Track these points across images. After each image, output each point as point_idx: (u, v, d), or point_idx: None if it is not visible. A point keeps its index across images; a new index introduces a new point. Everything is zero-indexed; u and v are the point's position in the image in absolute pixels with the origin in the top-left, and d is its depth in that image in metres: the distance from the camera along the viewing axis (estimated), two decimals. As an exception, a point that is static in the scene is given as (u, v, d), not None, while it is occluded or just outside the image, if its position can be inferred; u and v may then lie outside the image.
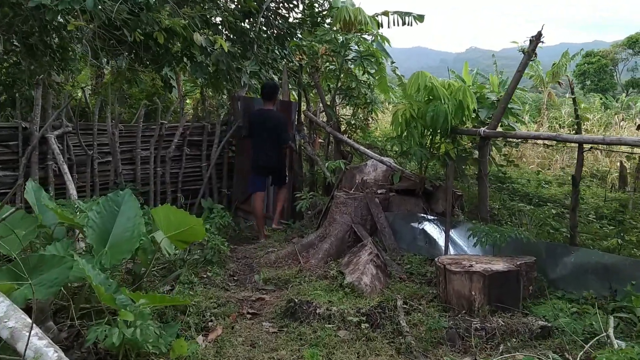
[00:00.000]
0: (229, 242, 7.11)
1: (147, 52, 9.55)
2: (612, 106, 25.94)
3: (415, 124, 6.01)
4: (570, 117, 19.19)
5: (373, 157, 6.72)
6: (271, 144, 7.18)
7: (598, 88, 41.70)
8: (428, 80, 6.00)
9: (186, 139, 8.50)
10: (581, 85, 44.05)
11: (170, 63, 9.57)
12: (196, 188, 8.71)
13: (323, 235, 6.31)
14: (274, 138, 7.17)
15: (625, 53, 44.83)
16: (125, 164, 7.95)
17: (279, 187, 7.58)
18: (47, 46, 7.94)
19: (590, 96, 31.38)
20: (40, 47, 7.85)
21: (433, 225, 6.17)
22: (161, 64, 9.46)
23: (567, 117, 19.17)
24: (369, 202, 6.26)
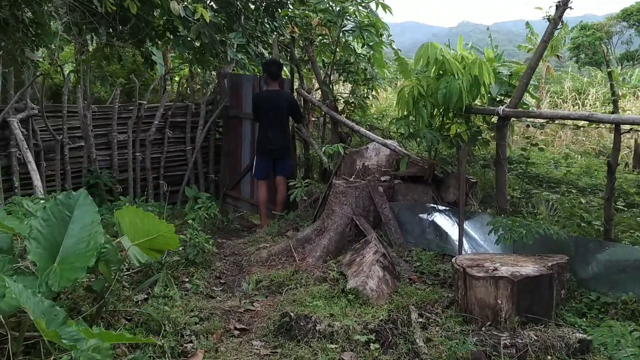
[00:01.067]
0: (217, 234, 6.44)
1: (125, 26, 8.78)
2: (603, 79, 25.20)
3: (424, 103, 5.29)
4: (573, 91, 18.47)
5: (375, 140, 6.01)
6: (279, 126, 6.60)
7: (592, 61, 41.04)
8: (439, 53, 5.26)
9: (168, 120, 7.76)
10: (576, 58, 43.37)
11: (152, 37, 8.80)
12: (180, 174, 8.01)
13: (320, 229, 5.62)
14: (283, 120, 6.61)
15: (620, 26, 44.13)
16: (101, 149, 7.21)
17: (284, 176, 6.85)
18: (18, 21, 7.15)
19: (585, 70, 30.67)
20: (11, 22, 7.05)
21: (444, 217, 5.49)
22: (141, 39, 8.69)
23: (569, 92, 18.44)
24: (371, 191, 5.57)
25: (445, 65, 5.20)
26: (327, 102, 6.63)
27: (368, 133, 6.09)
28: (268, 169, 6.77)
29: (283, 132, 6.63)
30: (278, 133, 6.57)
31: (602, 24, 45.95)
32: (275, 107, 6.51)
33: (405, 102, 5.35)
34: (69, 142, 6.79)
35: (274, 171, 6.80)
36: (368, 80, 6.67)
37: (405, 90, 5.34)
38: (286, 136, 6.70)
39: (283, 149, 6.65)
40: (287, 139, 6.72)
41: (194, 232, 5.13)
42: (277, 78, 6.58)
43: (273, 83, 6.58)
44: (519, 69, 5.87)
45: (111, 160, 7.23)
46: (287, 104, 6.59)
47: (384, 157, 6.12)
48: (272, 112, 6.52)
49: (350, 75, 6.57)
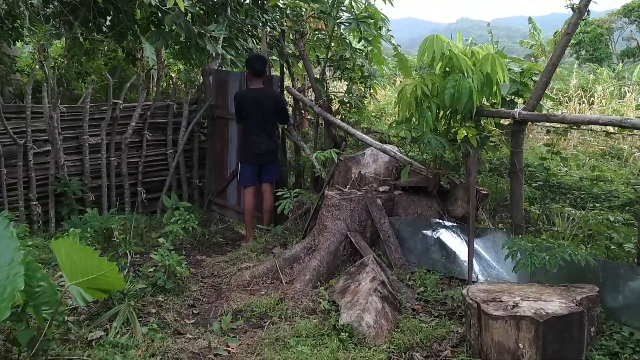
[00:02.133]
0: (196, 250, 5.78)
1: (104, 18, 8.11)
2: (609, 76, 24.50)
3: (429, 104, 4.63)
4: (579, 89, 17.77)
5: (373, 145, 5.35)
6: (265, 128, 5.94)
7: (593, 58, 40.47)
8: (445, 47, 4.60)
9: (147, 121, 7.09)
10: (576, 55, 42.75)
11: (134, 31, 8.14)
12: (161, 179, 7.33)
13: (311, 247, 4.96)
14: (269, 122, 5.94)
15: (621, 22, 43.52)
16: (71, 153, 6.54)
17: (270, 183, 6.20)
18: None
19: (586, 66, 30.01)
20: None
21: (451, 234, 4.84)
22: (122, 32, 8.04)
23: (575, 90, 17.72)
24: (368, 203, 4.91)
25: (453, 61, 4.55)
26: (320, 102, 5.96)
27: (365, 137, 5.42)
28: (254, 176, 6.12)
29: (269, 135, 5.99)
30: (264, 136, 5.94)
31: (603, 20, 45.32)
32: (260, 107, 5.87)
33: (407, 103, 4.68)
34: (33, 146, 6.11)
35: (260, 178, 6.16)
36: (365, 78, 6.00)
37: (407, 90, 4.68)
38: (273, 139, 6.07)
39: (270, 153, 6.00)
40: (273, 142, 6.09)
41: (164, 252, 4.46)
42: (262, 75, 5.94)
43: (257, 81, 5.92)
44: (532, 65, 5.21)
45: (82, 165, 6.56)
46: (273, 103, 5.93)
47: (382, 165, 5.45)
48: (256, 113, 5.87)
49: (345, 73, 5.90)
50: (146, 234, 6.15)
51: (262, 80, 5.93)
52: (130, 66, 9.50)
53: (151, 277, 4.43)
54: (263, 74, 5.95)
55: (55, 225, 6.26)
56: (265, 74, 6.02)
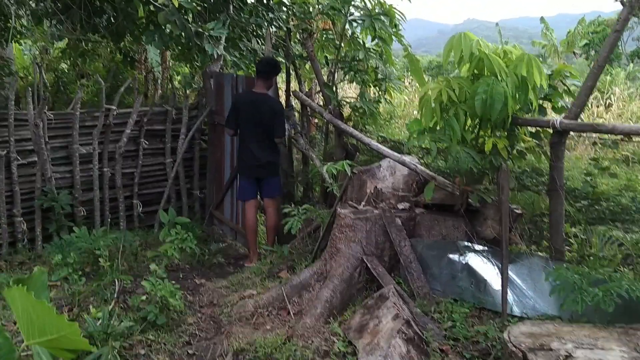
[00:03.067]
0: (194, 272, 5.25)
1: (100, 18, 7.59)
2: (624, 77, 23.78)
3: (456, 111, 4.07)
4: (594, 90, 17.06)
5: (390, 157, 4.79)
6: (263, 138, 5.41)
7: (603, 58, 39.73)
8: (475, 46, 4.04)
9: (143, 128, 6.56)
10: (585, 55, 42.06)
11: (132, 32, 7.62)
12: (159, 191, 6.81)
13: (321, 273, 4.41)
14: (267, 130, 5.38)
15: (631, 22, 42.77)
16: (60, 164, 6.02)
17: (272, 198, 5.70)
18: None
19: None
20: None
21: (481, 259, 4.28)
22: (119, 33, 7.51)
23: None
24: (386, 223, 4.35)
25: (484, 62, 3.99)
26: (330, 107, 5.40)
27: (381, 147, 4.86)
28: (253, 189, 5.62)
29: (269, 144, 5.46)
30: (263, 145, 5.42)
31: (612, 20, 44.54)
32: (256, 112, 5.34)
33: (430, 109, 4.13)
34: (17, 157, 5.59)
35: (261, 192, 5.65)
36: (380, 81, 5.43)
37: (430, 95, 4.12)
38: (274, 149, 5.54)
39: (269, 165, 5.49)
40: (275, 152, 5.56)
41: (156, 282, 3.92)
42: (268, 79, 5.41)
43: (261, 84, 5.41)
44: (562, 67, 4.64)
45: (72, 177, 6.03)
46: (270, 111, 5.36)
47: (401, 178, 4.89)
48: (255, 119, 5.34)
49: (358, 75, 5.34)
50: (141, 253, 5.62)
51: (266, 84, 5.42)
52: (128, 69, 8.98)
53: (141, 309, 3.89)
54: (269, 78, 5.43)
55: (43, 243, 5.73)
56: (271, 79, 5.48)
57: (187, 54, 8.13)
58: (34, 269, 2.45)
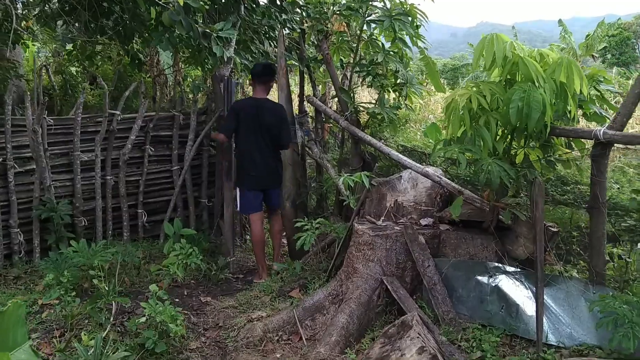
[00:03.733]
0: (200, 288, 4.91)
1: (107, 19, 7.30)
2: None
3: (487, 120, 3.69)
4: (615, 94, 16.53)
5: (411, 168, 4.41)
6: (268, 146, 5.17)
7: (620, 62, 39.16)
8: (509, 49, 3.67)
9: (149, 134, 6.22)
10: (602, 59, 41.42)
11: (141, 33, 7.32)
12: (165, 199, 6.47)
13: (337, 294, 4.05)
14: (272, 138, 5.14)
15: (657, 24, 42.12)
16: (60, 172, 5.70)
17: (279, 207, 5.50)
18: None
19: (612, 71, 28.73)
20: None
21: (513, 281, 3.89)
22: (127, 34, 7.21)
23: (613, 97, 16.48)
24: (408, 241, 3.98)
25: (520, 66, 3.61)
26: (347, 114, 5.04)
27: (401, 157, 4.49)
28: (260, 201, 5.34)
29: (275, 153, 5.25)
30: (269, 154, 5.19)
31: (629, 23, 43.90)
32: (263, 119, 5.09)
33: (458, 118, 3.75)
34: (14, 164, 5.28)
35: (268, 203, 5.43)
36: (400, 85, 5.06)
37: (458, 102, 3.74)
38: (278, 158, 5.34)
39: (275, 175, 5.29)
40: (279, 160, 5.36)
41: (156, 304, 3.57)
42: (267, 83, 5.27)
43: (260, 90, 5.23)
44: (596, 71, 4.25)
45: (73, 186, 5.71)
46: (278, 119, 5.16)
47: (423, 191, 4.52)
48: (260, 127, 5.08)
49: (377, 80, 4.97)
50: (144, 267, 5.29)
51: (266, 89, 5.27)
52: (136, 71, 8.66)
53: (140, 334, 3.55)
54: (267, 82, 5.29)
55: (41, 256, 5.40)
56: (269, 83, 5.33)
57: (197, 57, 7.82)
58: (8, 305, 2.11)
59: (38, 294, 4.49)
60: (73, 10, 6.45)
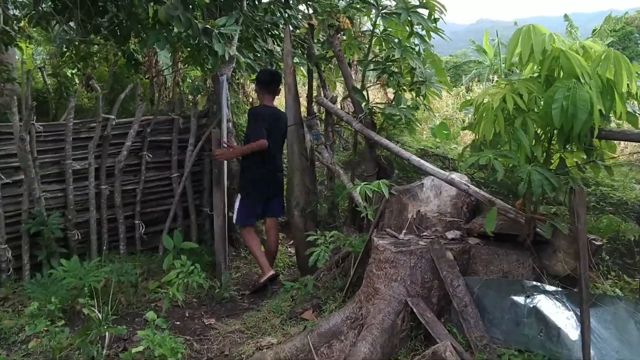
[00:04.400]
0: (204, 308, 4.51)
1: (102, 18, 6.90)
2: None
3: (524, 122, 3.27)
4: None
5: (435, 175, 3.99)
6: (279, 155, 5.36)
7: (623, 57, 38.78)
8: (548, 41, 3.25)
9: (146, 139, 5.82)
10: (606, 53, 41.02)
11: (138, 32, 6.92)
12: (165, 209, 6.07)
13: (356, 318, 3.63)
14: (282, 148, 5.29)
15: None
16: (51, 182, 5.30)
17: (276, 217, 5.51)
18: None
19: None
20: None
21: (553, 302, 3.47)
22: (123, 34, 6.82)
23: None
24: (435, 257, 3.56)
25: (561, 61, 3.19)
26: (361, 116, 4.62)
27: (423, 163, 4.07)
28: (258, 211, 5.35)
29: (281, 163, 5.41)
30: (278, 165, 5.32)
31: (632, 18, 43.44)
32: (280, 129, 5.18)
33: (491, 119, 3.33)
34: (1, 175, 4.87)
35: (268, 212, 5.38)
36: (419, 84, 4.64)
37: (492, 102, 3.33)
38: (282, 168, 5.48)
39: (279, 184, 5.38)
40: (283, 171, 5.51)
41: (154, 334, 3.16)
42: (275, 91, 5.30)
43: (270, 98, 5.26)
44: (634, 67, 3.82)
45: (65, 197, 5.30)
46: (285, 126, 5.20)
47: (448, 200, 4.10)
48: (277, 137, 5.16)
49: (393, 79, 4.55)
50: (142, 285, 4.88)
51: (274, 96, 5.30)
52: (132, 73, 8.25)
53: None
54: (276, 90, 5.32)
55: (31, 273, 4.99)
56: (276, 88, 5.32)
57: (196, 57, 7.42)
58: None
59: (26, 319, 4.08)
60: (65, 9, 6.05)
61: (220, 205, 5.24)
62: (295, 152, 5.24)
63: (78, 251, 5.38)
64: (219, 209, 5.24)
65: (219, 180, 5.26)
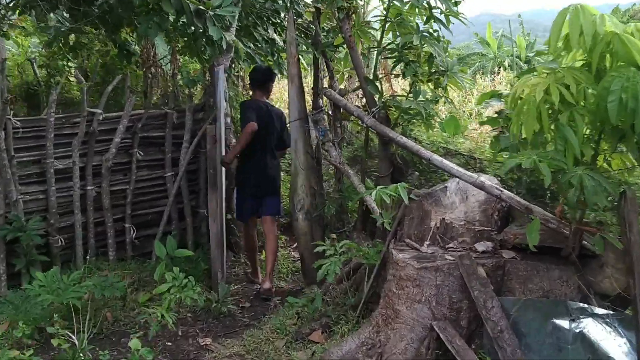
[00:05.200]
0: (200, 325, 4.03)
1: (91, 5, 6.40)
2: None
3: (571, 118, 2.78)
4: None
5: (461, 178, 3.49)
6: (273, 154, 5.07)
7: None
8: (599, 23, 2.75)
9: (137, 135, 5.34)
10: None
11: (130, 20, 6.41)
12: (158, 210, 5.59)
13: (373, 344, 3.16)
14: (275, 143, 5.02)
15: (658, 12, 41.10)
16: (30, 183, 4.81)
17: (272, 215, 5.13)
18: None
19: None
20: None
21: (602, 326, 2.99)
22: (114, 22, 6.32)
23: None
24: (465, 275, 3.08)
25: (616, 46, 2.70)
26: (374, 110, 4.12)
27: (447, 164, 3.57)
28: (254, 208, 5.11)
29: (276, 160, 5.13)
30: (271, 163, 5.02)
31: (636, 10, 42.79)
32: (273, 125, 4.95)
33: (533, 114, 2.84)
34: (-28, 176, 4.39)
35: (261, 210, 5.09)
36: (439, 74, 4.13)
37: (533, 94, 2.83)
38: (278, 164, 5.23)
39: (276, 181, 5.11)
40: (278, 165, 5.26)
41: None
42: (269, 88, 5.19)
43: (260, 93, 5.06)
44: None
45: (47, 199, 4.82)
46: (280, 123, 5.05)
47: (476, 205, 3.61)
48: (269, 130, 4.88)
49: (410, 68, 4.05)
50: (131, 297, 4.40)
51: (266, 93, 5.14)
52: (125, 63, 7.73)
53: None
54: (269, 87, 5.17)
55: (8, 284, 4.50)
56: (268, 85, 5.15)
57: (192, 47, 6.93)
58: None
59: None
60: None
61: (216, 209, 4.75)
62: (300, 149, 4.76)
63: (62, 258, 4.92)
64: (216, 212, 4.75)
65: (214, 181, 4.77)
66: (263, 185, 4.94)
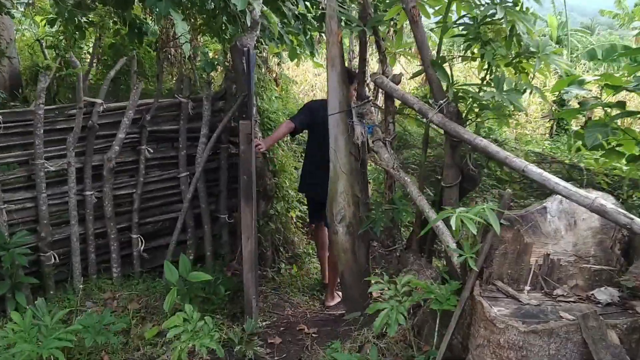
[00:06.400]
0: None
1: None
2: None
3: None
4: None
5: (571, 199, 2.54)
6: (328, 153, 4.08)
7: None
8: None
9: (145, 129, 4.49)
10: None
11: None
12: (171, 217, 4.77)
13: None
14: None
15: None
16: (16, 188, 4.00)
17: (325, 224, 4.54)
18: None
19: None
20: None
21: None
22: (125, 0, 5.53)
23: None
24: (590, 341, 2.18)
25: None
26: (442, 103, 3.18)
27: (549, 178, 2.63)
28: (312, 211, 4.90)
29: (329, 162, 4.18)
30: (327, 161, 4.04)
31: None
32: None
33: None
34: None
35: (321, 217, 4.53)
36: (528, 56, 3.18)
37: None
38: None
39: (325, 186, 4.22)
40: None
41: None
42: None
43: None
44: None
45: (36, 207, 4.01)
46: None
47: (588, 234, 2.68)
48: (326, 132, 3.93)
49: (490, 48, 3.11)
50: (136, 331, 3.59)
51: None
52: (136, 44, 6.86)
53: None
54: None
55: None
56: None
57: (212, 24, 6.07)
58: None
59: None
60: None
61: (250, 224, 3.87)
62: (341, 149, 3.85)
63: (55, 277, 4.16)
64: (250, 228, 3.87)
65: (248, 191, 3.88)
66: (319, 188, 4.26)
